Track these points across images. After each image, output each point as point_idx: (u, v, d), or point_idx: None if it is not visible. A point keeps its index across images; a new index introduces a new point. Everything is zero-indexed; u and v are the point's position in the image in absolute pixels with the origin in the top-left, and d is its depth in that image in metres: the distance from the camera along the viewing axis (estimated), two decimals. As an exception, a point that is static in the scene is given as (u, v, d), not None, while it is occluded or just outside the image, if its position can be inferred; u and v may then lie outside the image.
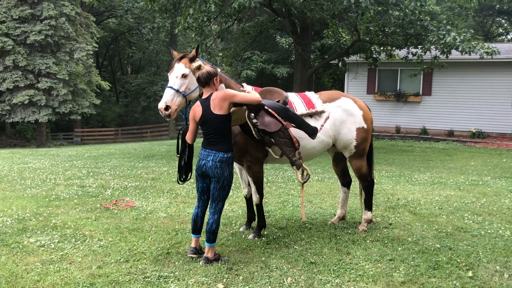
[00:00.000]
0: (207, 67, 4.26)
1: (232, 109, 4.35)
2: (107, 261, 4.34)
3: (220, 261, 4.29)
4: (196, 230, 4.46)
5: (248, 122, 4.40)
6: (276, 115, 4.42)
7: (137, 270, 4.13)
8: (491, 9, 34.58)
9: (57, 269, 4.14)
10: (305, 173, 4.70)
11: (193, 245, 4.48)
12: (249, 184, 5.29)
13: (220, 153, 4.19)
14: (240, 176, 5.41)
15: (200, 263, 4.25)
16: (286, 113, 4.51)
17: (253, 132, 4.43)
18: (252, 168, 4.85)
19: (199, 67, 4.23)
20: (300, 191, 7.61)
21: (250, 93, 4.48)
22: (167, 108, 4.24)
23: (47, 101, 24.76)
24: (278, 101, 4.66)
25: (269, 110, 4.41)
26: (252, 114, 4.36)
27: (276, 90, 4.89)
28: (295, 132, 4.89)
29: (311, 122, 5.01)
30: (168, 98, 4.27)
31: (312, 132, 4.62)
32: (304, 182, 4.70)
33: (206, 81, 4.22)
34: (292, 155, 4.52)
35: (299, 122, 4.59)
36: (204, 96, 4.28)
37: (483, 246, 4.76)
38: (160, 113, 4.27)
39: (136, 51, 39.71)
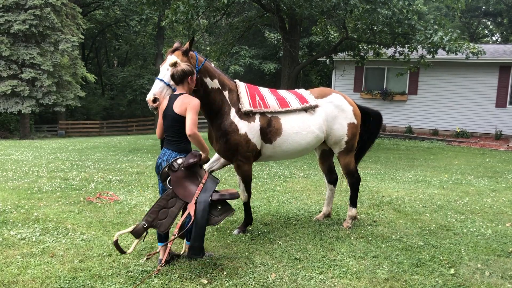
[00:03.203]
0: (183, 65, 4.07)
1: None
2: (90, 255, 4.28)
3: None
4: (161, 237, 4.09)
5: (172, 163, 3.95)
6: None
7: (120, 264, 4.08)
8: (477, 10, 35.03)
9: (38, 263, 4.07)
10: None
11: (160, 256, 4.09)
12: (215, 161, 5.19)
13: (174, 153, 3.97)
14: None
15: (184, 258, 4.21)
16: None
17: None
18: (241, 167, 4.82)
19: (174, 64, 4.09)
20: (285, 187, 7.61)
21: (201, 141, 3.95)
22: (155, 100, 4.16)
23: (30, 92, 24.30)
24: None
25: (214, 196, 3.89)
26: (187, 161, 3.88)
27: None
28: (289, 127, 4.87)
29: (307, 116, 5.00)
30: (157, 90, 4.18)
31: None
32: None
33: (180, 79, 4.04)
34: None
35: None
36: (176, 92, 4.10)
37: (465, 244, 4.82)
38: (148, 104, 4.20)
39: (122, 44, 39.26)
